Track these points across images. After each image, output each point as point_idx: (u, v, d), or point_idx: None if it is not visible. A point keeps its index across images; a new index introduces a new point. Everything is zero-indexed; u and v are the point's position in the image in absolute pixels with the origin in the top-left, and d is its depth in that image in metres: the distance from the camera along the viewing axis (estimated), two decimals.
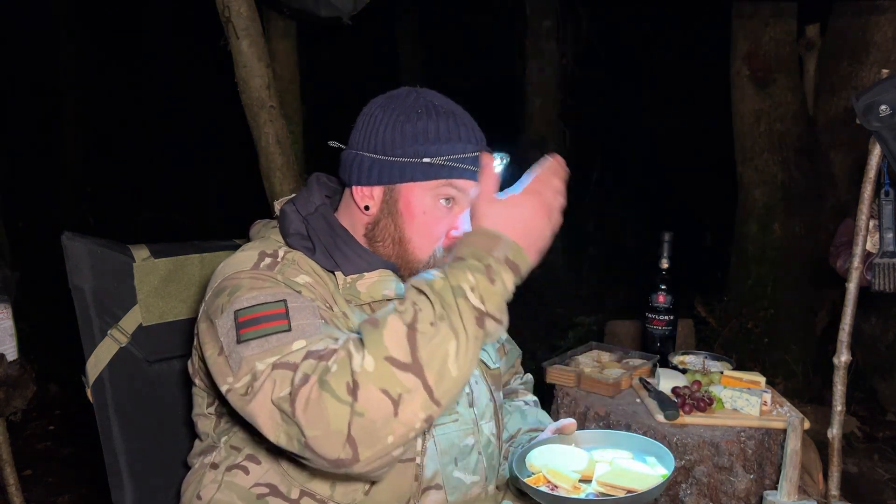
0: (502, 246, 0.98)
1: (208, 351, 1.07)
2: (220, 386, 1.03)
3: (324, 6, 2.63)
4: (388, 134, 1.15)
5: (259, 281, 1.08)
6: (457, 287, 0.94)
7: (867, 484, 2.95)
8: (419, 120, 1.15)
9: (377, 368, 0.90)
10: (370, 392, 0.89)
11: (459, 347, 0.92)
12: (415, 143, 1.14)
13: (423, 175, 1.15)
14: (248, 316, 1.03)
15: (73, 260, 1.31)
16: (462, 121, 1.18)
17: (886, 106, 1.49)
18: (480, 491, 1.26)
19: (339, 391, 0.89)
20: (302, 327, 1.01)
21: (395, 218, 1.18)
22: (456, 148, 1.15)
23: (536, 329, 4.96)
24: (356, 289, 1.17)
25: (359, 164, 1.17)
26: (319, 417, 0.90)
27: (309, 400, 0.90)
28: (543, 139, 5.93)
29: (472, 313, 0.93)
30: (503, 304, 0.97)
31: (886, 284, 1.63)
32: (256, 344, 1.00)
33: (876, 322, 3.52)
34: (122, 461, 1.34)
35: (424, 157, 1.14)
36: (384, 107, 1.18)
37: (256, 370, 0.98)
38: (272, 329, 1.00)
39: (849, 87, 3.47)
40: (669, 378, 1.79)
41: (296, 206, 1.23)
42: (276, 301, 1.04)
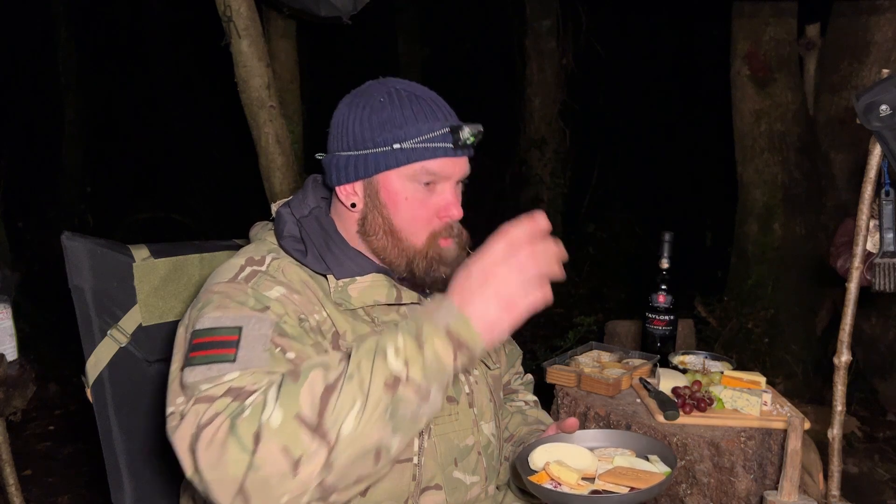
0: (444, 312, 0.90)
1: (174, 363, 1.06)
2: (167, 406, 1.01)
3: (324, 6, 2.63)
4: (358, 128, 1.16)
5: (227, 299, 1.07)
6: (381, 348, 0.89)
7: (867, 484, 2.95)
8: (384, 109, 1.15)
9: (283, 425, 0.86)
10: (271, 447, 0.85)
11: (362, 411, 0.86)
12: (383, 131, 1.14)
13: (396, 161, 1.15)
14: (202, 339, 1.02)
15: (73, 260, 1.31)
16: (427, 101, 1.18)
17: (886, 106, 1.49)
18: (480, 491, 1.26)
19: (246, 439, 0.86)
20: (247, 359, 0.98)
21: (380, 210, 1.18)
22: (423, 129, 1.14)
23: (536, 329, 4.96)
24: (347, 293, 1.16)
25: (336, 164, 1.18)
26: (218, 461, 0.87)
27: (213, 441, 0.87)
28: (543, 139, 5.93)
29: (382, 377, 0.87)
30: (433, 373, 0.89)
31: (886, 284, 1.63)
32: (199, 371, 0.98)
33: (876, 322, 3.52)
34: (122, 461, 1.34)
35: (394, 144, 1.14)
36: (350, 104, 1.19)
37: (189, 398, 0.96)
38: (217, 357, 0.99)
39: (849, 87, 3.47)
40: (669, 378, 1.79)
41: (291, 208, 1.24)
42: (233, 327, 1.02)
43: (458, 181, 1.22)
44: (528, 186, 6.00)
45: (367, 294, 1.17)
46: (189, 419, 0.92)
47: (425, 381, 0.88)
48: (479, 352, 0.91)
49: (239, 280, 1.10)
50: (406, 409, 0.88)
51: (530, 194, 6.00)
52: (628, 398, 1.81)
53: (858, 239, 1.62)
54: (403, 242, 1.18)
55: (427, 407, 0.90)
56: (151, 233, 6.67)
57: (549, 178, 5.98)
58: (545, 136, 5.93)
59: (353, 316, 1.17)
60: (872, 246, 1.67)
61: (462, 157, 1.19)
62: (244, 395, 0.92)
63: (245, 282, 1.10)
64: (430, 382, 0.89)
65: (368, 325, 1.17)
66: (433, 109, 1.17)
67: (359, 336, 0.93)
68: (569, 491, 1.10)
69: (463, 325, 0.89)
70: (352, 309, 1.17)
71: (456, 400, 1.24)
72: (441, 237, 1.19)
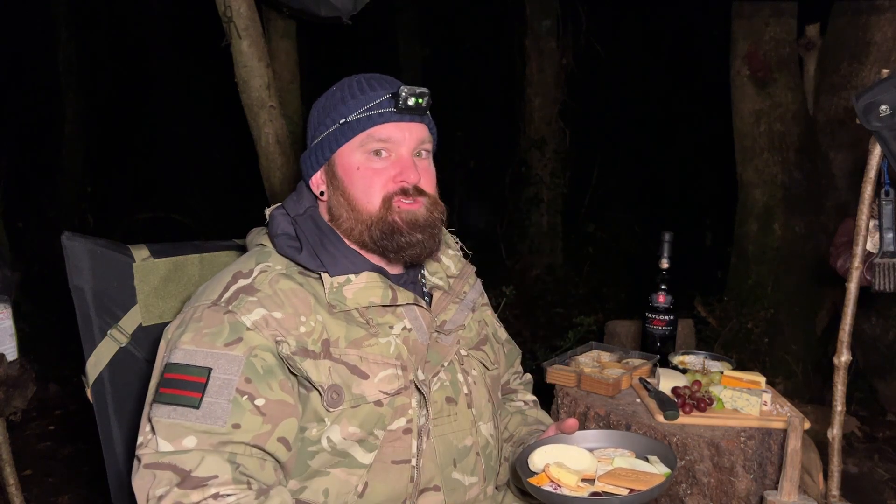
0: None
1: (154, 378, 1.11)
2: (139, 434, 1.07)
3: (324, 6, 2.63)
4: (315, 119, 1.23)
5: (206, 329, 1.08)
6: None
7: (867, 484, 2.95)
8: (333, 94, 1.21)
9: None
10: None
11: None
12: (332, 112, 1.19)
13: (343, 136, 1.18)
14: (172, 375, 1.06)
15: (73, 260, 1.31)
16: (373, 78, 1.21)
17: (886, 106, 1.49)
18: (479, 492, 1.26)
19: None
20: (210, 408, 1.03)
21: (339, 188, 1.20)
22: (367, 99, 1.17)
23: (536, 329, 4.96)
24: (342, 294, 1.15)
25: (304, 160, 1.25)
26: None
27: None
28: (543, 139, 5.93)
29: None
30: None
31: (886, 284, 1.63)
32: (165, 411, 1.04)
33: (876, 322, 3.52)
34: (122, 461, 1.34)
35: (340, 120, 1.18)
36: (314, 104, 1.25)
37: (150, 438, 1.03)
38: (183, 400, 1.04)
39: (849, 87, 3.47)
40: (669, 378, 1.78)
41: (285, 209, 1.25)
42: (203, 367, 1.05)
43: (417, 149, 1.20)
44: (528, 186, 6.00)
45: (361, 295, 1.16)
46: (147, 478, 1.00)
47: None
48: None
49: (220, 303, 1.11)
50: None
51: (530, 194, 6.00)
52: (628, 398, 1.81)
53: (858, 239, 1.62)
54: (361, 212, 1.18)
55: None
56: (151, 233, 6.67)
57: (549, 178, 5.98)
58: (545, 136, 5.93)
59: (347, 318, 1.16)
60: (872, 246, 1.67)
61: (412, 123, 1.19)
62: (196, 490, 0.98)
63: (226, 304, 1.11)
64: None
65: (363, 327, 1.17)
66: (378, 82, 1.20)
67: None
68: (569, 493, 1.10)
69: None
70: (346, 311, 1.16)
71: (454, 401, 1.24)
72: (396, 199, 1.17)
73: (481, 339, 1.37)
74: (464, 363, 1.29)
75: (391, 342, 1.18)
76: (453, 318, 1.31)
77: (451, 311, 1.32)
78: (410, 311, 1.22)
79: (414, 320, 1.22)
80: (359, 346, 1.14)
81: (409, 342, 1.20)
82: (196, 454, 1.01)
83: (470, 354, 1.32)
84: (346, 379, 1.12)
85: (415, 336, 1.21)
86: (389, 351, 1.17)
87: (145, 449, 1.04)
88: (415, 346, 1.20)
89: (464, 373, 1.28)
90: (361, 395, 1.12)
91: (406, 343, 1.19)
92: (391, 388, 1.15)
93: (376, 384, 1.14)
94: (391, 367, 1.16)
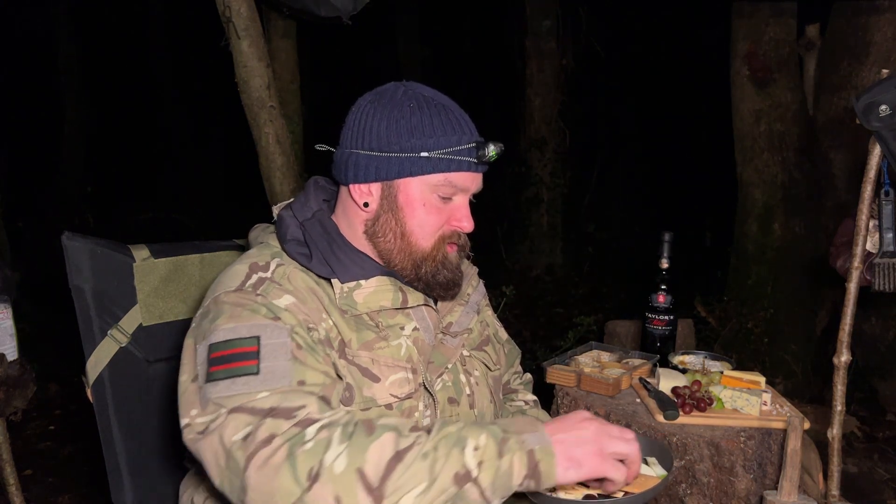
0: (536, 438, 0.94)
1: (184, 374, 1.06)
2: (182, 417, 1.01)
3: (324, 6, 2.63)
4: (383, 130, 1.14)
5: (239, 308, 1.06)
6: (462, 439, 0.92)
7: (867, 484, 2.95)
8: (413, 115, 1.14)
9: (344, 474, 0.87)
10: (325, 491, 0.86)
11: (425, 492, 0.88)
12: (411, 137, 1.14)
13: (420, 169, 1.14)
14: (221, 353, 1.01)
15: (73, 260, 1.31)
16: (455, 113, 1.18)
17: (886, 106, 1.49)
18: None
19: (301, 471, 0.87)
20: (271, 370, 0.99)
21: (395, 213, 1.17)
22: (451, 141, 1.14)
23: (536, 329, 4.96)
24: (353, 298, 1.15)
25: (354, 162, 1.17)
26: (268, 485, 0.88)
27: (267, 463, 0.89)
28: (543, 139, 5.93)
29: (455, 467, 0.89)
30: (499, 484, 0.91)
31: (886, 284, 1.63)
32: (224, 385, 0.98)
33: (876, 322, 3.52)
34: (122, 461, 1.34)
35: (422, 152, 1.13)
36: (374, 103, 1.17)
37: (219, 412, 0.96)
38: (241, 370, 0.99)
39: (849, 87, 3.47)
40: (669, 378, 1.78)
41: (293, 211, 1.22)
42: (251, 337, 1.02)
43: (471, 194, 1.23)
44: (528, 186, 6.00)
45: (372, 299, 1.16)
46: (221, 431, 0.93)
47: (491, 488, 0.90)
48: (544, 486, 0.94)
49: (246, 288, 1.09)
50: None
51: (530, 194, 6.00)
52: (628, 398, 1.81)
53: (858, 239, 1.62)
54: (413, 246, 1.18)
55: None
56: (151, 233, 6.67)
57: (549, 178, 5.98)
58: (545, 136, 5.94)
59: (357, 322, 1.16)
60: (872, 246, 1.67)
61: (480, 173, 1.20)
62: (305, 423, 0.92)
63: (253, 290, 1.09)
64: (495, 493, 0.91)
65: (373, 331, 1.16)
66: (461, 123, 1.17)
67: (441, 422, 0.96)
68: (563, 496, 1.10)
69: (547, 456, 0.93)
70: (357, 315, 1.16)
71: (457, 401, 1.24)
72: (448, 242, 1.20)
73: (483, 340, 1.37)
74: (466, 364, 1.30)
75: (402, 344, 1.18)
76: (459, 321, 1.31)
77: (456, 313, 1.32)
78: (418, 312, 1.23)
79: (421, 320, 1.22)
80: (370, 349, 1.14)
81: (419, 343, 1.20)
82: (274, 396, 0.96)
83: (472, 355, 1.32)
84: (357, 381, 1.11)
85: (422, 336, 1.21)
86: (400, 353, 1.17)
87: (201, 419, 0.97)
88: (422, 346, 1.20)
89: (466, 373, 1.28)
90: (372, 398, 1.12)
91: (416, 344, 1.19)
92: (402, 392, 1.15)
93: (387, 387, 1.14)
94: (402, 369, 1.16)
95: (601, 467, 0.95)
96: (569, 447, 0.95)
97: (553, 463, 0.93)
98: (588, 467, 0.95)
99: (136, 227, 6.86)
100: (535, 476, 0.93)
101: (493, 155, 1.16)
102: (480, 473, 0.90)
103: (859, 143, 1.84)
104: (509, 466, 0.91)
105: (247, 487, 0.89)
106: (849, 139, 3.56)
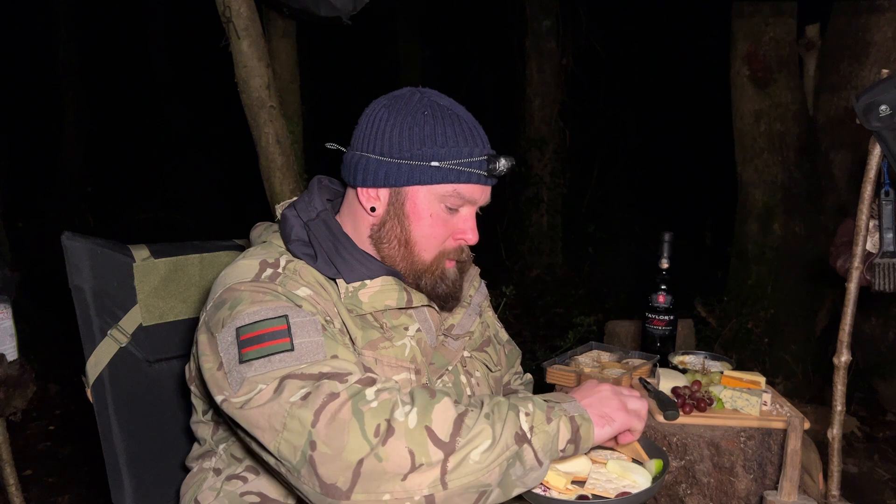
0: (573, 406, 1.05)
1: (207, 364, 1.05)
2: (216, 396, 1.02)
3: (324, 6, 2.62)
4: (395, 136, 1.14)
5: (260, 294, 1.06)
6: (514, 406, 1.00)
7: (867, 484, 2.95)
8: (426, 123, 1.14)
9: (417, 429, 0.92)
10: (399, 444, 0.90)
11: (491, 447, 0.94)
12: (423, 146, 1.13)
13: (430, 178, 1.14)
14: (250, 334, 1.01)
15: (73, 260, 1.31)
16: (469, 125, 1.17)
17: (886, 106, 1.49)
18: None
19: (369, 428, 0.91)
20: (304, 346, 1.00)
21: (401, 220, 1.17)
22: (463, 152, 1.14)
23: (536, 329, 4.97)
24: (358, 298, 1.15)
25: (364, 165, 1.16)
26: (338, 438, 0.90)
27: (336, 417, 0.91)
28: (543, 139, 5.93)
29: (514, 428, 0.96)
30: (549, 448, 0.99)
31: (886, 284, 1.63)
32: (259, 364, 0.99)
33: (876, 322, 3.52)
34: (122, 461, 1.34)
35: (433, 161, 1.13)
36: (389, 108, 1.17)
37: (259, 388, 0.97)
38: (275, 348, 1.00)
39: (849, 87, 3.47)
40: (669, 378, 1.78)
41: (297, 210, 1.22)
42: (278, 317, 1.03)
43: (478, 207, 1.23)
44: (528, 186, 6.00)
45: (377, 299, 1.16)
46: (277, 395, 0.95)
47: (542, 451, 0.98)
48: (582, 449, 1.03)
49: (262, 279, 1.09)
50: (520, 467, 0.96)
51: (530, 194, 6.00)
52: None
53: (858, 239, 1.62)
54: (415, 256, 1.18)
55: (534, 475, 0.98)
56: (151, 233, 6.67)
57: (549, 178, 5.98)
58: (545, 136, 5.94)
59: (362, 321, 1.16)
60: (872, 246, 1.67)
61: (489, 186, 1.20)
62: (365, 382, 0.96)
63: (270, 280, 1.09)
64: (545, 455, 0.99)
65: (378, 330, 1.17)
66: (473, 134, 1.17)
67: (486, 395, 1.07)
68: (556, 496, 1.10)
69: (585, 421, 1.03)
70: (362, 315, 1.16)
71: (458, 402, 1.24)
72: (448, 257, 1.20)
73: (485, 341, 1.37)
74: (467, 365, 1.30)
75: (406, 344, 1.18)
76: (461, 323, 1.31)
77: (458, 315, 1.32)
78: (420, 313, 1.23)
79: (423, 321, 1.22)
80: (374, 349, 1.14)
81: (422, 344, 1.20)
82: (319, 364, 0.98)
83: (473, 356, 1.32)
84: None
85: (424, 337, 1.21)
86: (404, 354, 1.17)
87: (236, 399, 0.98)
88: (424, 347, 1.20)
89: (467, 374, 1.28)
90: None
91: (420, 344, 1.19)
92: None
93: None
94: (405, 370, 1.16)
95: (627, 420, 1.07)
96: (599, 408, 1.06)
97: (591, 426, 1.03)
98: (619, 421, 1.06)
99: (136, 227, 6.87)
100: (576, 440, 1.02)
101: (503, 170, 1.16)
102: (533, 437, 0.97)
103: (859, 143, 1.83)
104: (556, 431, 1.00)
105: (316, 442, 0.91)
106: (849, 139, 3.56)
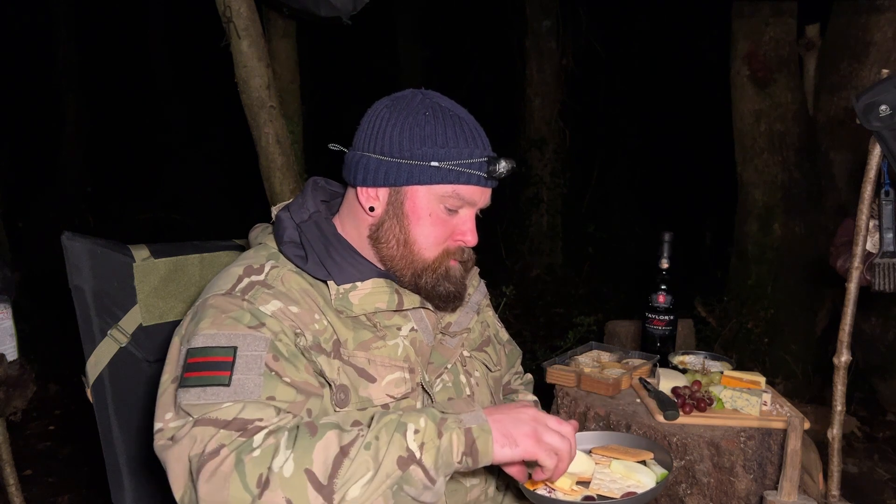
0: (472, 417, 0.99)
1: (165, 374, 1.07)
2: (156, 421, 1.02)
3: (324, 6, 2.62)
4: (396, 136, 1.14)
5: (222, 314, 1.06)
6: (402, 424, 0.95)
7: (867, 484, 2.95)
8: (427, 123, 1.14)
9: (293, 477, 0.89)
10: (277, 496, 0.89)
11: (371, 480, 0.91)
12: (423, 146, 1.13)
13: (430, 178, 1.13)
14: (196, 359, 1.02)
15: (73, 260, 1.31)
16: (469, 126, 1.17)
17: (886, 106, 1.49)
18: (480, 493, 1.26)
19: (251, 479, 0.89)
20: (241, 384, 0.99)
21: (400, 219, 1.17)
22: (463, 153, 1.14)
23: (536, 329, 4.97)
24: (349, 300, 1.15)
25: (364, 165, 1.16)
26: (218, 494, 0.90)
27: (216, 473, 0.90)
28: (543, 139, 5.93)
29: (399, 451, 0.93)
30: (441, 463, 0.95)
31: (886, 284, 1.63)
32: (194, 394, 0.99)
33: (876, 322, 3.52)
34: (122, 461, 1.34)
35: (433, 161, 1.12)
36: (391, 108, 1.17)
37: (186, 420, 0.98)
38: (212, 380, 1.00)
39: (849, 87, 3.48)
40: (669, 378, 1.78)
41: (290, 212, 1.22)
42: (228, 347, 1.03)
43: (478, 209, 1.22)
44: (528, 186, 6.00)
45: (367, 301, 1.16)
46: (185, 442, 0.95)
47: (434, 467, 0.95)
48: (481, 463, 0.98)
49: (235, 293, 1.09)
50: (410, 489, 0.94)
51: (530, 194, 6.00)
52: (628, 398, 1.81)
53: (858, 239, 1.62)
54: (415, 255, 1.18)
55: (430, 494, 0.96)
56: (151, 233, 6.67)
57: (549, 178, 5.98)
58: (545, 136, 5.94)
59: (354, 322, 1.16)
60: (872, 246, 1.67)
61: (489, 188, 1.20)
62: (252, 431, 0.94)
63: (241, 295, 1.09)
64: (439, 471, 0.95)
65: (371, 330, 1.16)
66: (474, 136, 1.17)
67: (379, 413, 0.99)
68: (562, 497, 1.10)
69: (483, 433, 0.97)
70: (353, 316, 1.16)
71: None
72: (452, 256, 1.20)
73: (484, 341, 1.37)
74: (466, 364, 1.30)
75: (399, 344, 1.18)
76: (458, 321, 1.31)
77: (455, 314, 1.32)
78: (416, 313, 1.23)
79: (419, 322, 1.22)
80: (367, 349, 1.14)
81: (417, 343, 1.20)
82: (237, 406, 0.97)
83: (473, 356, 1.32)
84: (353, 381, 1.11)
85: (420, 337, 1.21)
86: (397, 353, 1.17)
87: (174, 423, 0.99)
88: (420, 347, 1.20)
89: (466, 374, 1.28)
90: (368, 398, 1.12)
91: (414, 344, 1.19)
92: (398, 392, 1.15)
93: (384, 387, 1.13)
94: (399, 369, 1.16)
95: (534, 450, 0.99)
96: (505, 426, 0.99)
97: (489, 440, 0.97)
98: (523, 447, 0.99)
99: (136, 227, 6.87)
100: (472, 453, 0.97)
101: (503, 172, 1.16)
102: (423, 455, 0.94)
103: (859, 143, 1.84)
104: (449, 444, 0.96)
105: (199, 498, 0.91)
106: (849, 139, 3.56)
